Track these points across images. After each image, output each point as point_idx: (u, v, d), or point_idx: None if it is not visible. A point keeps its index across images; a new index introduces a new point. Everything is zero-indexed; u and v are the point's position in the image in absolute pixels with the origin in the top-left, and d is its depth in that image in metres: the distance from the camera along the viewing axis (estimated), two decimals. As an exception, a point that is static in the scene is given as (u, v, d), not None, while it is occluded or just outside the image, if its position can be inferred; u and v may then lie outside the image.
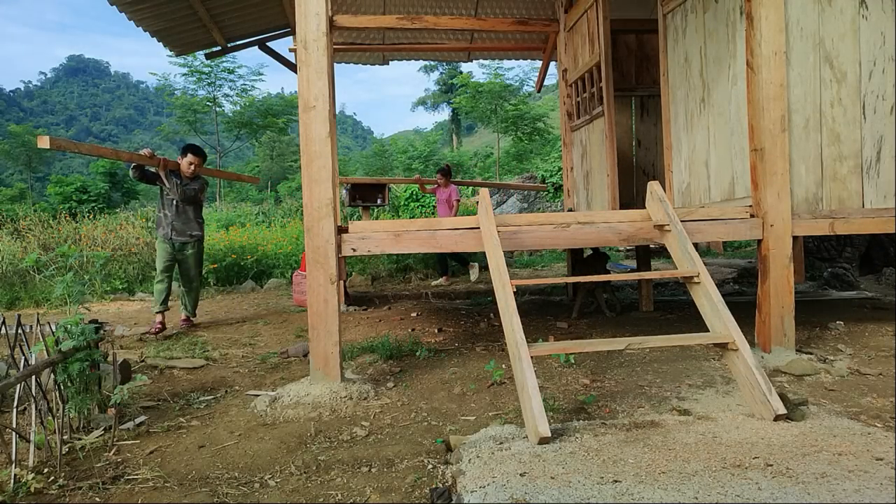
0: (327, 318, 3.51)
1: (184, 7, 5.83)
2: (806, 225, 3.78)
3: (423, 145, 28.48)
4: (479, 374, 3.76)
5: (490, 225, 3.53)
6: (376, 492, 2.29)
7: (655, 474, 2.12)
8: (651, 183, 3.86)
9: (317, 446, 2.77)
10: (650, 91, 6.23)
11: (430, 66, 44.93)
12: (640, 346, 2.97)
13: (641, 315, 5.52)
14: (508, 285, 3.04)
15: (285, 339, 5.16)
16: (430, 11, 7.45)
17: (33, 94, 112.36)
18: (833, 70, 3.79)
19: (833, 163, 3.82)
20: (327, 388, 3.42)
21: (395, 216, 14.98)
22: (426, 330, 5.26)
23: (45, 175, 37.68)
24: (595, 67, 5.31)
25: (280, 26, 7.09)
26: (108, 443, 2.80)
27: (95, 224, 11.69)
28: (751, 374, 2.74)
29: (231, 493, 2.34)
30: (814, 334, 4.28)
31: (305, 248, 3.63)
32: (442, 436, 2.80)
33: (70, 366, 2.76)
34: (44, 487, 2.37)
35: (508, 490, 2.04)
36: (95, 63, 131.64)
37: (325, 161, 3.55)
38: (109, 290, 8.07)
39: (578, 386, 3.43)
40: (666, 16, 4.75)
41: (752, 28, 3.71)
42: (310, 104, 3.56)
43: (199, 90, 25.62)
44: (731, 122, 4.04)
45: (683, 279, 3.34)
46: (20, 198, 28.09)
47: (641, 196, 5.70)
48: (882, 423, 2.67)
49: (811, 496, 1.93)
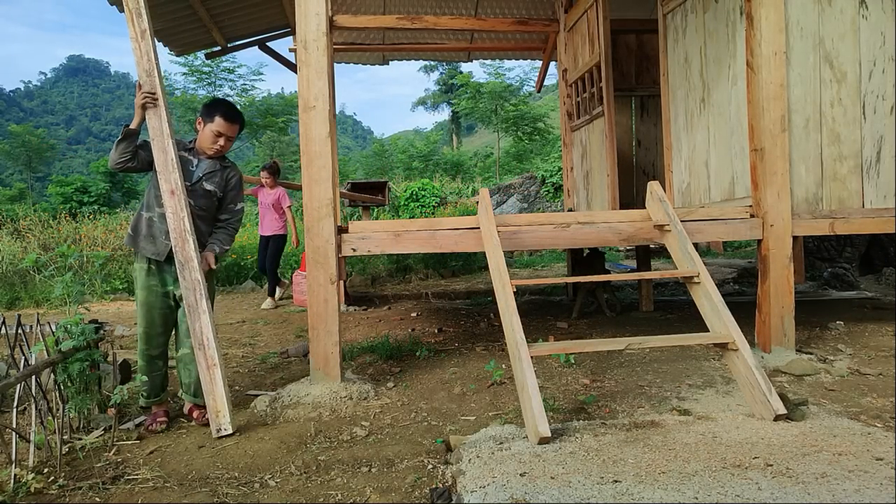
0: (327, 318, 3.51)
1: (184, 7, 5.83)
2: (806, 225, 3.78)
3: (423, 145, 28.46)
4: (479, 374, 3.76)
5: (490, 225, 3.53)
6: (376, 492, 2.29)
7: (655, 474, 2.12)
8: (651, 183, 3.85)
9: (317, 446, 2.77)
10: (650, 91, 6.23)
11: (430, 66, 44.92)
12: (640, 346, 2.97)
13: (641, 315, 5.52)
14: (508, 285, 3.04)
15: (285, 339, 5.16)
16: (430, 11, 7.45)
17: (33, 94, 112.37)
18: (833, 70, 3.79)
19: (833, 163, 3.82)
20: (327, 388, 3.42)
21: (395, 216, 14.99)
22: (426, 330, 5.26)
23: (46, 175, 37.68)
24: (595, 67, 5.31)
25: (280, 26, 7.09)
26: (108, 443, 2.80)
27: (95, 224, 11.70)
28: (751, 374, 2.74)
29: (231, 493, 2.34)
30: (814, 334, 4.28)
31: (305, 248, 3.63)
32: (442, 436, 2.80)
33: (70, 366, 2.76)
34: (44, 487, 2.37)
35: (508, 490, 2.04)
36: (95, 63, 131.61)
37: (325, 161, 3.55)
38: (109, 290, 8.07)
39: (578, 386, 3.43)
40: (666, 16, 4.75)
41: (752, 28, 3.71)
42: (310, 104, 3.56)
43: (200, 90, 25.63)
44: (731, 122, 4.04)
45: (683, 279, 3.34)
46: (20, 198, 28.06)
47: (641, 196, 5.71)
48: (882, 423, 2.67)
49: (811, 496, 1.93)
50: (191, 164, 3.14)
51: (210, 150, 3.14)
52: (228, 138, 3.14)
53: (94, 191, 21.51)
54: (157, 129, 3.07)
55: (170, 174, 3.01)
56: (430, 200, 15.50)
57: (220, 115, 3.09)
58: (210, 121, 3.11)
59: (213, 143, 3.12)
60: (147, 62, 3.11)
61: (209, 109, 3.13)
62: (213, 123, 3.10)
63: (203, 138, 3.14)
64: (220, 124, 3.10)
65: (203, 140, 3.14)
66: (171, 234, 2.98)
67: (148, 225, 3.05)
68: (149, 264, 3.04)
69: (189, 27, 6.35)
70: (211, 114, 3.10)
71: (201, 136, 3.14)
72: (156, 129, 3.08)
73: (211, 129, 3.10)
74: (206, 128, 3.12)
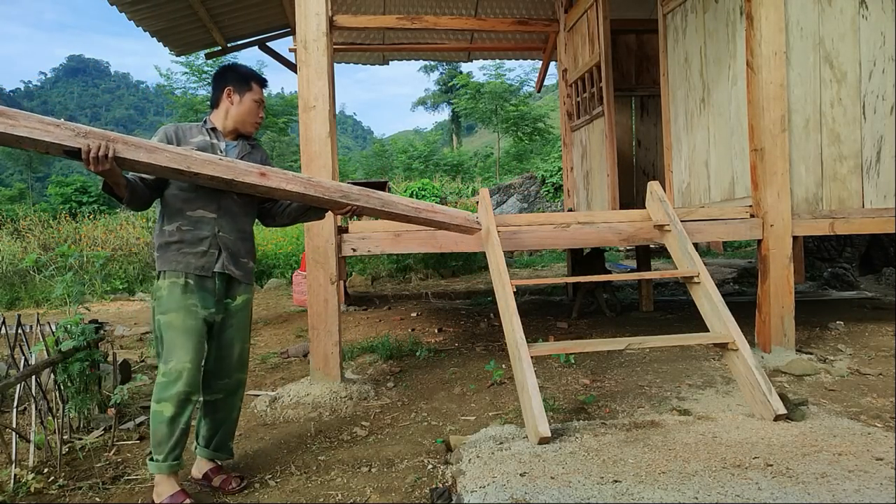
0: (327, 318, 3.51)
1: (184, 7, 5.83)
2: (806, 225, 3.78)
3: (423, 145, 28.44)
4: (479, 374, 3.76)
5: (490, 225, 3.53)
6: (376, 492, 2.29)
7: (655, 474, 2.12)
8: (651, 183, 3.85)
9: (317, 446, 2.77)
10: (650, 91, 6.23)
11: (430, 66, 44.89)
12: (640, 346, 2.97)
13: (641, 315, 5.52)
14: (508, 285, 3.04)
15: (285, 339, 5.16)
16: (430, 11, 7.45)
17: (33, 94, 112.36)
18: (833, 70, 3.79)
19: (833, 163, 3.82)
20: (327, 388, 3.42)
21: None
22: (426, 330, 5.26)
23: (46, 175, 37.67)
24: (595, 67, 5.31)
25: (280, 26, 7.09)
26: (108, 443, 2.80)
27: (95, 224, 11.70)
28: (751, 374, 2.74)
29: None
30: (814, 334, 4.28)
31: (305, 248, 3.63)
32: (442, 436, 2.80)
33: (70, 366, 2.76)
34: (44, 487, 2.37)
35: (508, 490, 2.04)
36: (95, 63, 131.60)
37: (325, 161, 3.56)
38: (109, 290, 8.07)
39: (578, 386, 3.43)
40: (666, 16, 4.75)
41: (752, 28, 3.71)
42: (310, 104, 3.56)
43: (200, 89, 25.62)
44: (731, 123, 4.04)
45: (683, 279, 3.34)
46: (20, 198, 28.06)
47: (641, 196, 5.70)
48: (882, 423, 2.67)
49: (811, 496, 1.92)
50: (217, 149, 2.45)
51: (253, 127, 2.57)
52: (263, 106, 2.61)
53: (94, 191, 21.48)
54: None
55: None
56: (430, 200, 15.50)
57: (256, 82, 2.55)
58: (248, 89, 2.52)
59: (257, 116, 2.56)
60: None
61: (241, 77, 2.53)
62: (253, 92, 2.52)
63: (243, 112, 2.52)
64: (258, 92, 2.55)
65: (243, 114, 2.52)
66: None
67: (179, 236, 2.33)
68: (185, 279, 2.31)
69: (189, 27, 6.35)
70: (247, 81, 2.52)
71: (239, 110, 2.51)
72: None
73: (252, 99, 2.52)
74: (247, 98, 2.51)
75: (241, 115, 2.52)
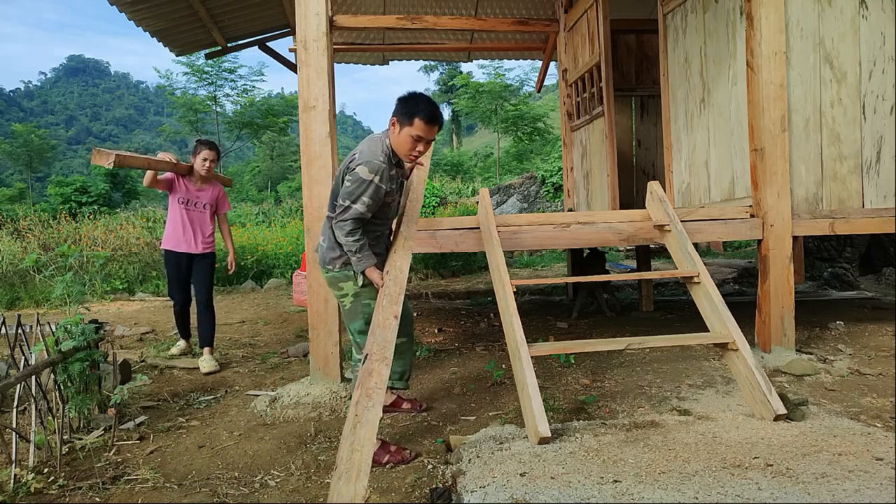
0: (327, 318, 3.51)
1: (184, 7, 5.83)
2: (806, 225, 3.78)
3: (423, 145, 28.40)
4: (479, 374, 3.76)
5: (490, 225, 3.53)
6: (376, 492, 2.29)
7: (655, 474, 2.12)
8: (651, 183, 3.85)
9: (317, 446, 2.77)
10: (650, 91, 6.23)
11: (430, 66, 44.93)
12: (640, 346, 2.97)
13: (641, 315, 5.52)
14: (508, 285, 3.04)
15: (285, 339, 5.16)
16: (430, 11, 7.44)
17: (33, 94, 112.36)
18: (833, 70, 3.79)
19: (833, 163, 3.82)
20: (327, 388, 3.42)
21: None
22: (426, 330, 5.26)
23: (45, 175, 37.68)
24: (595, 67, 5.31)
25: (280, 26, 7.09)
26: (108, 443, 2.80)
27: (95, 224, 11.68)
28: (751, 374, 2.74)
29: (231, 494, 2.34)
30: (814, 334, 4.28)
31: (305, 248, 3.63)
32: (442, 436, 2.80)
33: (70, 366, 2.76)
34: (44, 487, 2.37)
35: (508, 490, 2.04)
36: (95, 63, 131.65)
37: (325, 161, 3.55)
38: (109, 290, 8.07)
39: (578, 386, 3.43)
40: (666, 16, 4.75)
41: (752, 28, 3.71)
42: (310, 104, 3.56)
43: (200, 90, 25.64)
44: (731, 123, 4.04)
45: (683, 279, 3.34)
46: (20, 198, 28.07)
47: (641, 196, 5.70)
48: (882, 423, 2.67)
49: (811, 496, 1.93)
50: (403, 175, 2.87)
51: (407, 158, 2.65)
52: (427, 143, 2.63)
53: (94, 191, 21.50)
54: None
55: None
56: (430, 200, 15.49)
57: (420, 118, 2.53)
58: (408, 123, 2.54)
59: (412, 150, 2.60)
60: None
61: (407, 108, 2.55)
62: (412, 127, 2.54)
63: (399, 143, 2.59)
64: (421, 128, 2.54)
65: (399, 145, 2.59)
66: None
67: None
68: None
69: (189, 27, 6.35)
70: (410, 115, 2.54)
71: (396, 139, 2.59)
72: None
73: (409, 134, 2.55)
74: (404, 131, 2.56)
75: (397, 145, 2.63)
